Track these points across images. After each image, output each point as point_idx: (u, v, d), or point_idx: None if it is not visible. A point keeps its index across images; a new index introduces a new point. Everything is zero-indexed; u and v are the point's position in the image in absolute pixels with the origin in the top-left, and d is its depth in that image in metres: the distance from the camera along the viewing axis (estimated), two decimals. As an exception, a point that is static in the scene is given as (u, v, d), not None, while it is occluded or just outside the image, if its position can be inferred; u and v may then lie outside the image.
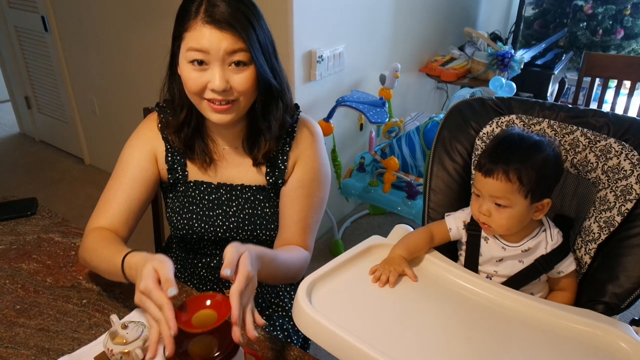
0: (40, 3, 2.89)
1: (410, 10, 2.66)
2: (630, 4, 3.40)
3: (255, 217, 1.07)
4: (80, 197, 2.93)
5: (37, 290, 1.01)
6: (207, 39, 0.88)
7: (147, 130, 1.07)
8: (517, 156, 0.90)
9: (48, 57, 3.09)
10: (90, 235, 0.99)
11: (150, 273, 0.73)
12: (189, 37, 0.90)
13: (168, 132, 1.04)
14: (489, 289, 0.94)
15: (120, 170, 1.04)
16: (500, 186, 0.91)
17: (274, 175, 1.07)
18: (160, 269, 0.73)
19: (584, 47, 3.47)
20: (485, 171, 0.92)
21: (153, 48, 2.46)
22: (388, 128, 2.43)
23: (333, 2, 2.11)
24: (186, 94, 0.97)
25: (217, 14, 0.88)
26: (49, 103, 3.35)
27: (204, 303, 0.73)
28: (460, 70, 2.74)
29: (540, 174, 0.91)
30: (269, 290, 1.17)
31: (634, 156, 0.94)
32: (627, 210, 0.94)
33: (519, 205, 0.92)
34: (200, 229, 1.06)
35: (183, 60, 0.92)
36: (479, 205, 0.95)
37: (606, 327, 0.84)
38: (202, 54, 0.89)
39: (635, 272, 0.91)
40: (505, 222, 0.93)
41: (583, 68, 2.03)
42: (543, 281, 1.01)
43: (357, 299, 0.89)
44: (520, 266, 0.98)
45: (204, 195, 1.07)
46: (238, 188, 1.07)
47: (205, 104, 0.94)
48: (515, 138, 0.95)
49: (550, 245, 0.96)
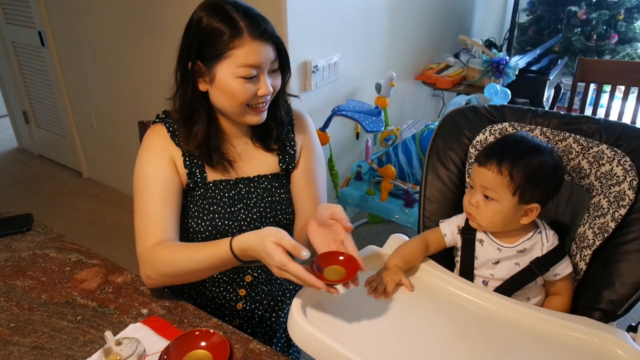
0: (37, 18, 2.91)
1: (404, 18, 2.67)
2: (623, 9, 3.42)
3: (275, 204, 1.12)
4: (79, 210, 2.93)
5: (32, 308, 1.00)
6: (259, 53, 0.95)
7: (158, 141, 1.06)
8: (513, 154, 0.93)
9: (45, 72, 3.11)
10: (158, 250, 0.96)
11: (275, 249, 0.81)
12: (239, 55, 0.94)
13: (188, 147, 1.05)
14: (485, 298, 0.93)
15: (147, 186, 1.02)
16: (491, 177, 0.93)
17: (286, 160, 1.14)
18: (281, 241, 0.82)
19: (578, 52, 3.48)
20: (480, 162, 0.95)
21: (149, 62, 2.48)
22: (385, 136, 2.43)
23: (327, 12, 2.13)
24: (214, 105, 1.02)
25: (260, 29, 0.95)
26: (46, 117, 3.36)
27: (333, 258, 0.86)
28: (455, 77, 2.75)
29: (531, 175, 0.91)
30: (276, 288, 1.19)
31: (626, 162, 0.95)
32: (620, 216, 0.94)
33: (506, 201, 0.93)
34: (224, 227, 1.07)
35: (229, 76, 0.96)
36: (470, 197, 0.98)
37: (603, 335, 0.84)
38: (255, 68, 0.96)
39: (630, 278, 0.91)
40: (490, 215, 0.95)
41: (577, 74, 2.04)
42: (539, 285, 1.00)
43: (352, 310, 0.89)
44: (516, 268, 0.98)
45: (224, 194, 1.08)
46: (255, 179, 1.11)
47: (248, 110, 1.01)
48: (517, 139, 0.98)
49: (546, 247, 0.96)
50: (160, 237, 0.98)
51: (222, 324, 0.96)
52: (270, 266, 0.84)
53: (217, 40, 0.95)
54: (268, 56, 0.97)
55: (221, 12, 0.95)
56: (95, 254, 1.16)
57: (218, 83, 0.98)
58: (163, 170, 1.03)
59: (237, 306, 1.14)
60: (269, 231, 0.84)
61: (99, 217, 2.86)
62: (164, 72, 1.04)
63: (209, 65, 0.97)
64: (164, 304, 1.01)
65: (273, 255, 0.81)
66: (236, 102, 0.99)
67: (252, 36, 0.94)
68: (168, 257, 0.95)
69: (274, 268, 0.83)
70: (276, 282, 1.19)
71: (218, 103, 1.01)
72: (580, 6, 3.49)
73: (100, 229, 2.75)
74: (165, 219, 1.00)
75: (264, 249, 0.83)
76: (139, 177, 1.03)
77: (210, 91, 1.01)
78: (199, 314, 0.98)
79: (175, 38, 1.02)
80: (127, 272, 1.10)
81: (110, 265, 1.13)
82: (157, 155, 1.04)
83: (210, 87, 1.00)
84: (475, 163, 0.97)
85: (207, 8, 0.97)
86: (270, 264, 0.83)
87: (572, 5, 3.53)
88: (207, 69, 0.97)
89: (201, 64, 0.98)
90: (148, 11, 2.34)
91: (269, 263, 0.84)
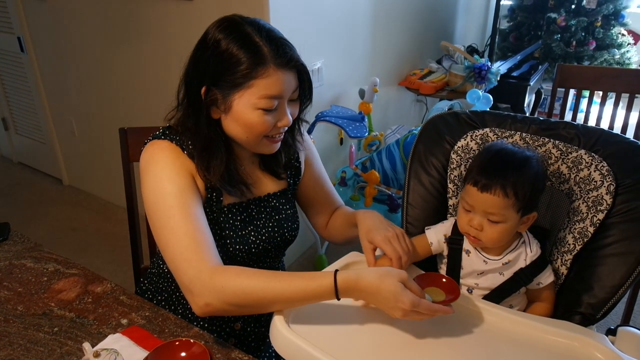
0: (16, 24, 2.86)
1: (388, 24, 2.69)
2: (600, 15, 3.50)
3: (282, 222, 1.09)
4: (59, 218, 2.88)
5: (8, 320, 0.98)
6: (282, 83, 0.89)
7: (173, 158, 0.95)
8: (513, 171, 0.91)
9: (25, 78, 3.06)
10: (225, 276, 0.84)
11: (405, 290, 0.79)
12: (260, 85, 0.88)
13: (208, 178, 0.96)
14: (467, 302, 0.94)
15: (174, 204, 0.90)
16: (496, 202, 0.90)
17: (292, 175, 1.13)
18: (407, 282, 0.81)
19: (558, 58, 3.55)
20: (482, 186, 0.91)
21: (131, 68, 2.45)
22: (369, 142, 2.43)
23: (310, 18, 2.13)
24: (227, 133, 0.96)
25: (287, 57, 0.88)
26: (26, 124, 3.31)
27: (432, 281, 0.90)
28: (438, 83, 2.77)
29: (533, 188, 0.92)
30: None
31: (604, 167, 0.96)
32: (599, 220, 0.95)
33: (511, 220, 0.92)
34: (235, 251, 1.02)
35: (247, 107, 0.90)
36: (469, 219, 0.95)
37: (583, 338, 0.85)
38: (277, 99, 0.90)
39: (608, 282, 0.92)
40: (497, 236, 0.94)
41: (557, 79, 2.07)
42: (522, 293, 1.01)
43: (335, 319, 0.88)
44: (500, 279, 0.98)
45: (236, 217, 1.03)
46: (265, 198, 1.08)
47: (264, 141, 0.96)
48: (509, 152, 0.95)
49: (530, 257, 0.97)
50: (214, 258, 0.88)
51: (203, 333, 0.95)
52: (391, 308, 0.80)
53: (237, 69, 0.87)
54: (290, 85, 0.91)
55: (242, 36, 0.87)
56: (74, 264, 1.14)
57: (235, 114, 0.91)
58: (188, 186, 0.93)
59: (235, 326, 1.10)
60: (388, 271, 0.81)
61: (80, 225, 2.81)
62: (145, 78, 1.02)
63: (225, 93, 0.90)
64: (144, 313, 0.99)
65: (403, 297, 0.78)
66: (253, 134, 0.93)
67: (277, 65, 0.87)
68: (243, 285, 0.83)
69: (397, 311, 0.79)
70: None
71: (232, 132, 0.95)
72: (560, 13, 3.56)
73: (81, 237, 2.70)
74: (207, 237, 0.90)
75: (388, 290, 0.79)
76: (160, 196, 0.91)
77: (224, 120, 0.94)
78: (180, 323, 0.97)
79: (156, 44, 1.01)
80: (107, 282, 1.08)
81: (90, 274, 1.11)
82: (177, 172, 0.93)
83: (224, 115, 0.93)
84: (474, 188, 0.92)
85: (227, 29, 0.88)
86: (393, 305, 0.79)
87: (552, 12, 3.60)
88: (222, 97, 0.90)
89: (216, 91, 0.90)
90: (129, 17, 2.32)
91: (389, 305, 0.79)
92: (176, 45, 2.17)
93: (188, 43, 0.95)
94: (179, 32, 2.14)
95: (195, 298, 0.85)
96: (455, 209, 1.11)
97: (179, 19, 2.11)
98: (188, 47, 0.95)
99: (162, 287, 1.13)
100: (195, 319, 1.09)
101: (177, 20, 2.12)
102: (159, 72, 2.32)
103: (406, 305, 0.78)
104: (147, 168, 0.95)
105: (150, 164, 0.95)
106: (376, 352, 0.82)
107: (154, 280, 1.15)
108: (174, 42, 2.18)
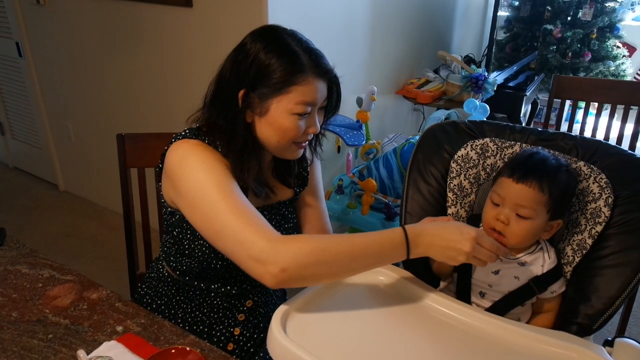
0: (15, 29, 2.86)
1: (385, 34, 2.71)
2: (596, 27, 3.53)
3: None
4: (55, 224, 2.86)
5: (2, 326, 0.97)
6: (318, 91, 0.94)
7: (208, 152, 0.96)
8: (549, 171, 0.92)
9: (22, 83, 3.05)
10: (296, 239, 0.85)
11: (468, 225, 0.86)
12: (299, 91, 0.92)
13: (243, 179, 0.97)
14: (466, 314, 0.93)
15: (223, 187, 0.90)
16: (530, 194, 0.90)
17: (299, 184, 1.13)
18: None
19: (554, 69, 3.57)
20: (518, 177, 0.92)
21: (128, 74, 2.45)
22: (366, 150, 2.44)
23: (308, 27, 2.14)
24: (258, 137, 0.98)
25: (324, 67, 0.94)
26: (23, 129, 3.29)
27: None
28: (435, 92, 2.78)
29: (566, 192, 0.93)
30: (271, 309, 1.14)
31: (602, 179, 0.96)
32: (597, 232, 0.95)
33: (540, 219, 0.92)
34: None
35: (284, 112, 0.93)
36: (497, 213, 0.94)
37: (580, 349, 0.84)
38: (311, 105, 0.94)
39: (605, 293, 0.92)
40: (523, 232, 0.93)
41: (553, 90, 2.08)
42: (528, 305, 1.01)
43: (332, 326, 0.88)
44: (515, 284, 0.97)
45: None
46: (275, 206, 1.09)
47: (292, 146, 0.99)
48: (547, 156, 0.96)
49: (548, 264, 0.96)
50: (276, 231, 0.87)
51: (199, 341, 0.94)
52: (457, 243, 0.84)
53: (278, 75, 0.91)
54: (323, 94, 0.96)
55: (283, 45, 0.92)
56: (69, 270, 1.13)
57: (271, 117, 0.94)
58: (229, 175, 0.94)
59: (234, 331, 1.10)
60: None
61: (75, 231, 2.79)
62: (143, 84, 1.02)
63: (263, 98, 0.93)
64: (140, 321, 0.98)
65: (468, 228, 0.84)
66: (285, 138, 0.96)
67: (315, 74, 0.92)
68: (319, 243, 0.84)
69: (464, 243, 0.84)
70: (276, 305, 1.14)
71: (264, 135, 0.97)
72: (556, 25, 3.59)
73: (77, 243, 2.68)
74: (261, 216, 0.89)
75: (454, 225, 0.86)
76: (206, 183, 0.90)
77: (257, 123, 0.97)
78: (176, 331, 0.96)
79: (154, 50, 1.01)
80: (103, 288, 1.07)
81: (85, 281, 1.10)
82: (215, 164, 0.94)
83: (258, 119, 0.96)
84: (509, 179, 0.93)
85: (266, 40, 0.93)
86: (459, 239, 0.84)
87: (548, 23, 3.63)
88: (259, 101, 0.93)
89: (254, 95, 0.93)
90: (128, 23, 2.33)
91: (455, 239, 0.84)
92: (175, 51, 2.16)
93: (188, 49, 0.95)
94: (178, 39, 2.14)
95: (269, 267, 0.82)
96: (455, 216, 1.11)
97: (179, 25, 2.11)
98: (187, 54, 0.96)
99: (162, 292, 1.12)
100: (196, 323, 1.08)
101: (177, 27, 2.12)
102: (157, 78, 2.32)
103: (472, 235, 0.83)
104: (183, 162, 0.94)
105: (186, 158, 0.95)
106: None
107: (153, 284, 1.15)
108: (173, 49, 2.17)
